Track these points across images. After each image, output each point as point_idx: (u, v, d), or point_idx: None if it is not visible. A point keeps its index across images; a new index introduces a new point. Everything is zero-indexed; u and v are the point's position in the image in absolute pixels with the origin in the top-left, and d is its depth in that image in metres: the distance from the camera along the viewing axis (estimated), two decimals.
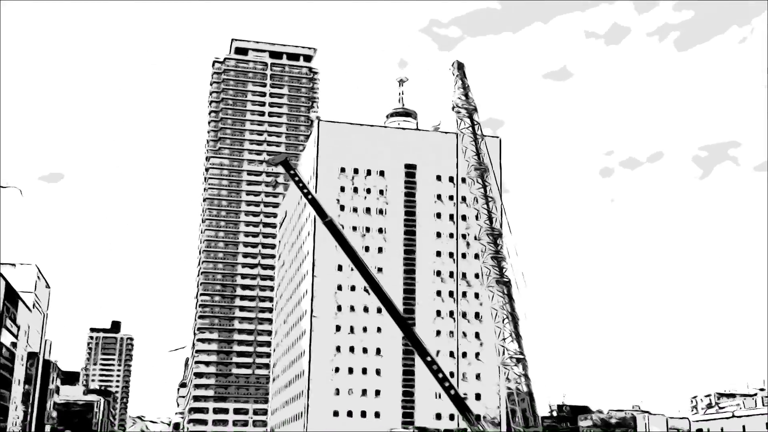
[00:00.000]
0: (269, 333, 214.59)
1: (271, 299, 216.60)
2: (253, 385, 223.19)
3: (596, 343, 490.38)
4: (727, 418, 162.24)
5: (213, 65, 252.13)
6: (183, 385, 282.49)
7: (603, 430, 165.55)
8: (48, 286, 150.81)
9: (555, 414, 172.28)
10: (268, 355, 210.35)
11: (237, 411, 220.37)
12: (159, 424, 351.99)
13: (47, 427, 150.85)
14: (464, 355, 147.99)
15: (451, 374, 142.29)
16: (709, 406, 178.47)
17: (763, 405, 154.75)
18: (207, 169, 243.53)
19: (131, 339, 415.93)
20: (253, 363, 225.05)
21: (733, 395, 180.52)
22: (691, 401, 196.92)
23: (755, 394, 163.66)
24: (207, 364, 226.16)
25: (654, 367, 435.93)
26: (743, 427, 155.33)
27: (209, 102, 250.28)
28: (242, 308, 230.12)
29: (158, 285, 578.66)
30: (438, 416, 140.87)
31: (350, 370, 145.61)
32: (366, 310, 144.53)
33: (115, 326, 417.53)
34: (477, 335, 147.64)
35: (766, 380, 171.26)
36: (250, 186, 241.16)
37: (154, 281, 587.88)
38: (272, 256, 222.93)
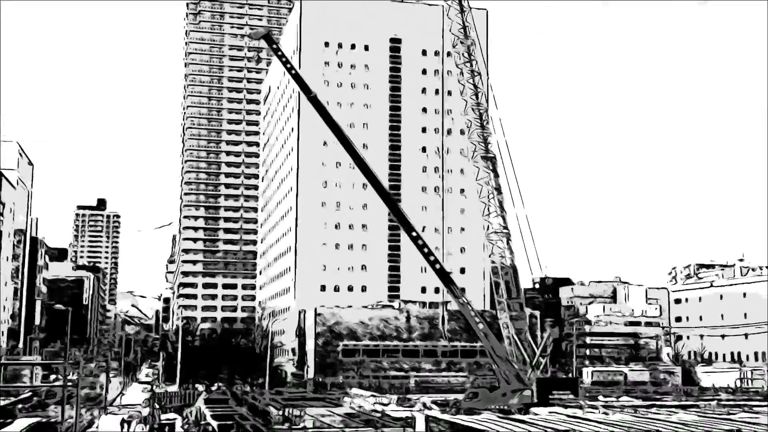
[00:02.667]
0: (255, 210, 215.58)
1: (256, 176, 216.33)
2: (240, 261, 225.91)
3: (579, 217, 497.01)
4: (705, 288, 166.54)
5: None
6: (171, 261, 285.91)
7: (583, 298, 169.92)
8: (31, 164, 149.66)
9: (538, 286, 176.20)
10: (255, 232, 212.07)
11: (226, 286, 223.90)
12: (149, 300, 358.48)
13: (38, 303, 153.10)
14: (449, 230, 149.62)
15: (437, 249, 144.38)
16: (688, 276, 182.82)
17: (741, 275, 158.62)
18: (187, 44, 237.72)
19: (118, 216, 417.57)
20: (240, 239, 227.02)
21: (711, 266, 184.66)
22: (671, 272, 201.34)
23: (734, 265, 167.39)
24: (194, 240, 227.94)
25: (635, 239, 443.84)
26: (720, 296, 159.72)
27: None
28: (228, 185, 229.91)
29: (142, 162, 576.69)
30: (423, 290, 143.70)
31: (337, 246, 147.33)
32: (352, 186, 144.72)
33: (101, 203, 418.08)
34: (462, 210, 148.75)
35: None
36: (232, 62, 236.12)
37: (138, 159, 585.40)
38: (256, 133, 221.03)
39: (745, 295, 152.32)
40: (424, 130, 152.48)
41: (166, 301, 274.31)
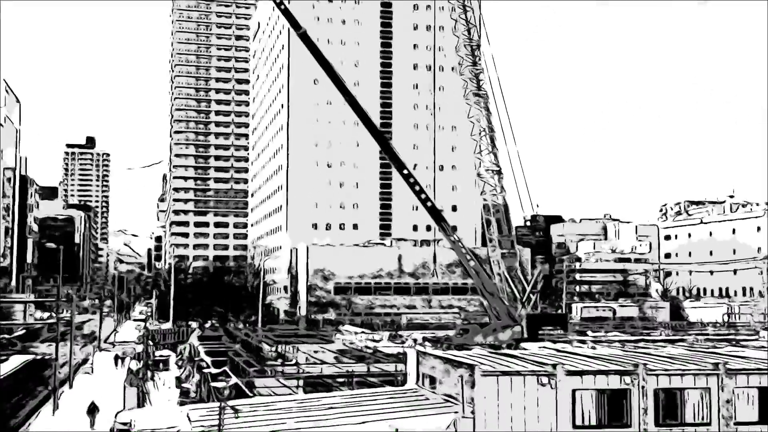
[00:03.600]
0: (246, 148, 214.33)
1: (247, 114, 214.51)
2: (232, 199, 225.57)
3: (570, 155, 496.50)
4: (694, 224, 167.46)
5: None
6: (162, 200, 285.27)
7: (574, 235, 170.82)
8: (18, 101, 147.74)
9: (529, 224, 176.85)
10: (246, 170, 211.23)
11: (217, 224, 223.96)
12: (141, 238, 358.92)
13: (29, 241, 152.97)
14: (441, 167, 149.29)
15: (428, 186, 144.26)
16: (678, 213, 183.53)
17: (731, 212, 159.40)
18: None
19: (107, 155, 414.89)
20: (231, 178, 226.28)
21: (702, 202, 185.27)
22: (661, 209, 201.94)
23: (723, 201, 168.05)
24: (185, 179, 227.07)
25: (626, 177, 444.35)
26: (710, 232, 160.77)
27: None
28: (218, 123, 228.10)
29: (131, 100, 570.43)
30: (415, 228, 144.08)
31: (329, 183, 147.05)
32: (343, 123, 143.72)
33: (91, 142, 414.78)
34: (453, 148, 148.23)
35: None
36: None
37: (127, 96, 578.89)
38: (246, 70, 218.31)
39: (734, 231, 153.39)
40: (415, 67, 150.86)
41: (159, 239, 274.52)
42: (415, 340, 73.80)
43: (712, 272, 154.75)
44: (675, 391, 25.53)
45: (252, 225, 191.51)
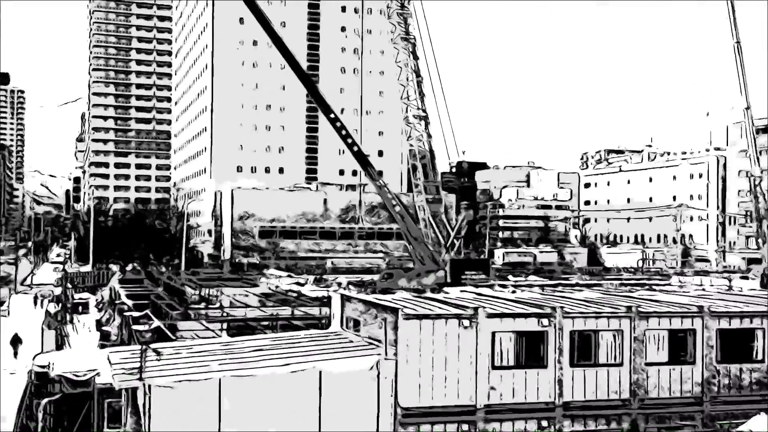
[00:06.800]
0: (169, 88, 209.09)
1: (169, 52, 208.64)
2: (154, 140, 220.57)
3: (496, 103, 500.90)
4: (614, 172, 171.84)
5: None
6: (80, 140, 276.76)
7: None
8: None
9: (454, 170, 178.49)
10: (169, 111, 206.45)
11: (139, 166, 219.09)
12: (58, 179, 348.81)
13: None
14: (368, 112, 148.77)
15: (355, 131, 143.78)
16: (599, 162, 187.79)
17: (649, 160, 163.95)
18: None
19: (22, 92, 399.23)
20: (153, 118, 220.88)
21: (621, 152, 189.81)
22: (582, 157, 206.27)
23: (642, 150, 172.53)
24: (105, 118, 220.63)
25: (550, 126, 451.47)
26: (628, 181, 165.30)
27: None
28: (139, 62, 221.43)
29: (47, 35, 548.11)
30: (341, 172, 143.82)
31: (255, 127, 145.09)
32: (270, 66, 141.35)
33: (4, 78, 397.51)
34: (380, 93, 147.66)
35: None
36: None
37: (43, 30, 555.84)
38: (169, 7, 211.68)
39: (651, 179, 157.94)
40: (343, 9, 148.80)
41: (77, 180, 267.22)
42: (339, 284, 74.21)
43: (628, 219, 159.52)
44: (590, 333, 26.46)
45: (175, 167, 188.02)
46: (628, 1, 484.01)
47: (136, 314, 45.61)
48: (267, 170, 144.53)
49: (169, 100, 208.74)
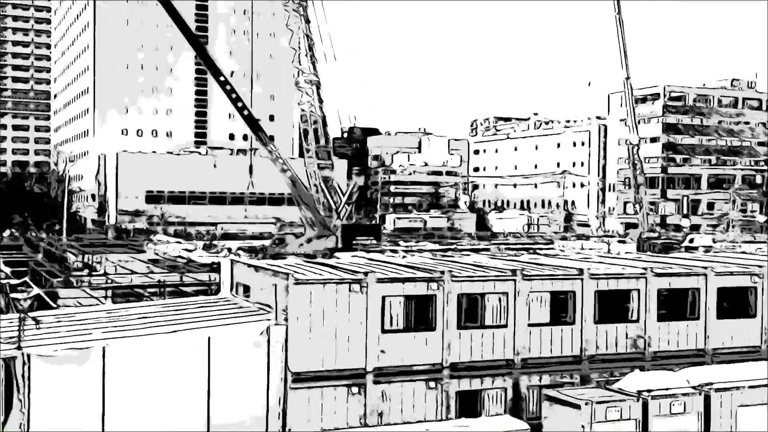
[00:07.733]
0: (48, 46, 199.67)
1: (49, 9, 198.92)
2: (32, 101, 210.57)
3: (387, 69, 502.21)
4: (502, 140, 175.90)
5: None
6: None
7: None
8: None
9: (346, 136, 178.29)
10: (48, 70, 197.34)
11: (16, 128, 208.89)
12: None
13: None
14: (258, 76, 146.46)
15: (245, 95, 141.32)
16: (487, 129, 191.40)
17: (535, 128, 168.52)
18: None
19: None
20: (32, 77, 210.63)
21: (509, 119, 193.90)
22: (471, 124, 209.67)
23: (528, 119, 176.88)
24: None
25: (440, 93, 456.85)
26: (515, 148, 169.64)
27: None
28: (15, 18, 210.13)
29: None
30: (231, 137, 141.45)
31: (140, 88, 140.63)
32: (156, 26, 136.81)
33: None
34: (271, 56, 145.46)
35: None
36: None
37: None
38: None
39: (536, 147, 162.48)
40: None
41: None
42: (229, 249, 73.40)
43: (515, 185, 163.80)
44: (476, 296, 27.16)
45: (55, 129, 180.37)
46: None
47: (14, 282, 43.86)
48: (154, 133, 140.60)
49: (48, 58, 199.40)
